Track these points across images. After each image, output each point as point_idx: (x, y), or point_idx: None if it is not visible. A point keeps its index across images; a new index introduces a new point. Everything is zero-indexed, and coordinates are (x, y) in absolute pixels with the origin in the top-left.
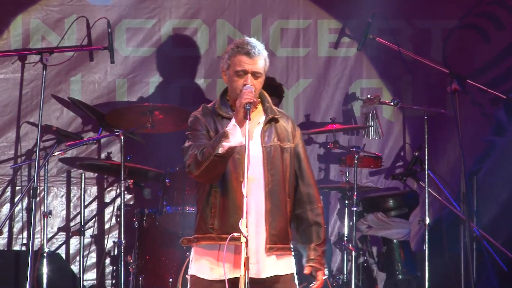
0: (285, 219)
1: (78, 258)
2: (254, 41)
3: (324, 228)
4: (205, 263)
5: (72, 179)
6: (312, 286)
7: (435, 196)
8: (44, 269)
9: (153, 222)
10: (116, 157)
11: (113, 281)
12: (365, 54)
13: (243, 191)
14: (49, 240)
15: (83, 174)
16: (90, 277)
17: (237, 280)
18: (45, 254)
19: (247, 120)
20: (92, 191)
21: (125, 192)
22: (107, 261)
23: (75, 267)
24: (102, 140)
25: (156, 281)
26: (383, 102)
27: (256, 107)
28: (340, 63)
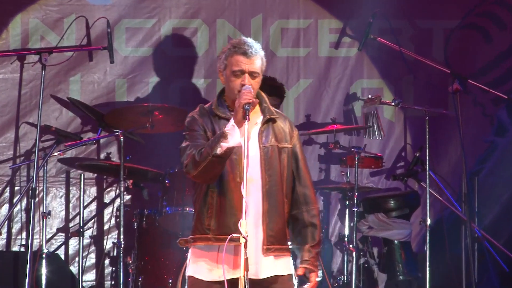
0: (283, 220)
1: (77, 259)
2: (251, 41)
3: (320, 230)
4: (203, 264)
5: (71, 180)
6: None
7: (436, 197)
8: (43, 270)
9: (153, 223)
10: (116, 158)
11: (113, 282)
12: (366, 54)
13: (242, 192)
14: (48, 241)
15: (82, 175)
16: (89, 278)
17: (236, 281)
18: (44, 255)
19: (246, 121)
20: (92, 192)
21: (125, 193)
22: (107, 262)
23: (74, 268)
24: (102, 141)
25: (156, 282)
26: (384, 102)
27: (254, 107)
28: (341, 63)
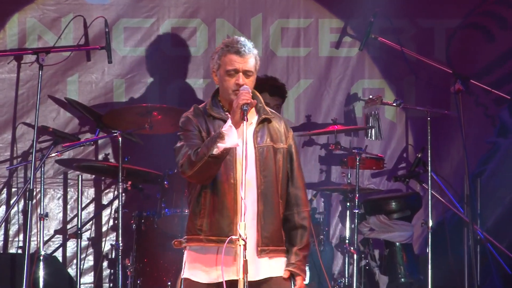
0: (278, 221)
1: (75, 261)
2: (244, 40)
3: (309, 233)
4: (199, 266)
5: (69, 181)
6: None
7: (438, 198)
8: (41, 273)
9: (152, 225)
10: (114, 159)
11: (111, 285)
12: (367, 54)
13: (241, 194)
14: (46, 243)
15: (80, 176)
16: (87, 281)
17: (233, 283)
18: (42, 257)
19: (245, 122)
20: (90, 193)
21: (123, 194)
22: (105, 264)
23: (72, 271)
24: (100, 141)
25: (155, 285)
26: (386, 103)
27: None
28: (342, 63)
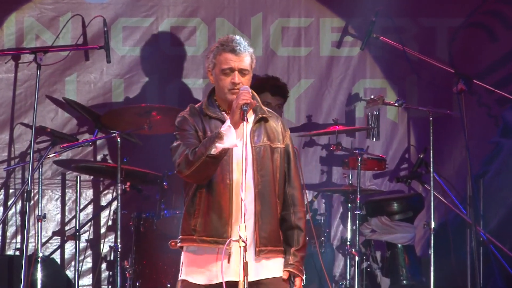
0: (276, 221)
1: (73, 263)
2: (239, 38)
3: (305, 233)
4: (196, 268)
5: (67, 182)
6: None
7: (441, 200)
8: (39, 275)
9: (151, 226)
10: (112, 160)
11: (109, 287)
12: (369, 54)
13: (241, 195)
14: (44, 245)
15: (79, 177)
16: (86, 283)
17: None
18: (40, 259)
19: (244, 122)
20: (88, 194)
21: (122, 195)
22: (103, 266)
23: (70, 272)
24: (98, 142)
25: (154, 287)
26: (387, 103)
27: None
28: (343, 63)
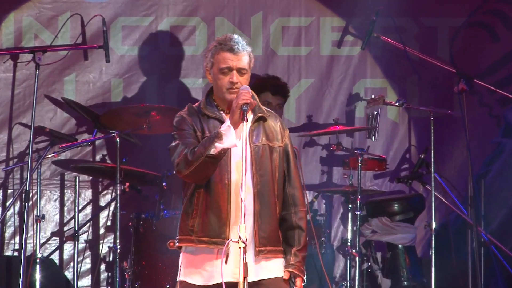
0: (275, 221)
1: (72, 264)
2: (237, 37)
3: (306, 233)
4: (195, 268)
5: (66, 182)
6: None
7: (442, 200)
8: (37, 276)
9: (150, 227)
10: (112, 160)
11: None
12: (369, 53)
13: (241, 195)
14: (42, 246)
15: (77, 177)
16: (85, 284)
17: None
18: (38, 260)
19: (244, 122)
20: (87, 195)
21: (121, 196)
22: (102, 267)
23: (69, 273)
24: (97, 142)
25: None
26: (388, 103)
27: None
28: (344, 63)
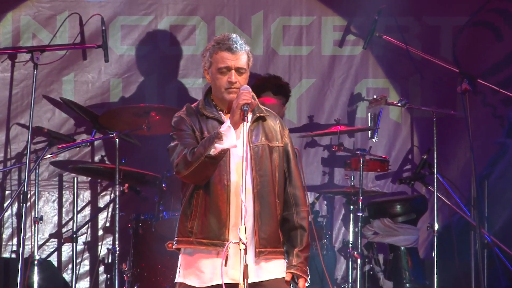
0: (275, 222)
1: (71, 266)
2: (235, 36)
3: (308, 233)
4: (193, 270)
5: (64, 183)
6: None
7: (445, 201)
8: (35, 278)
9: (149, 228)
10: (110, 160)
11: None
12: (371, 53)
13: (241, 196)
14: (40, 247)
15: (76, 178)
16: (83, 286)
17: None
18: (36, 262)
19: (245, 122)
20: (85, 196)
21: (120, 197)
22: (101, 269)
23: (68, 275)
24: (96, 143)
25: None
26: (390, 103)
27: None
28: (345, 62)
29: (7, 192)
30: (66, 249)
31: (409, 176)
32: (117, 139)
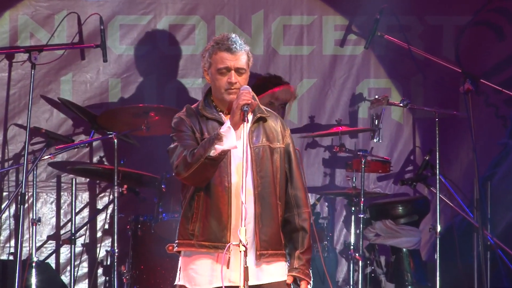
0: (277, 224)
1: (69, 268)
2: (235, 36)
3: (310, 235)
4: (193, 273)
5: (63, 185)
6: None
7: (447, 203)
8: (33, 280)
9: (148, 230)
10: (109, 161)
11: None
12: (373, 52)
13: (242, 198)
14: (38, 249)
15: (74, 179)
16: None
17: None
18: (34, 264)
19: (245, 123)
20: (84, 197)
21: (119, 198)
22: (100, 271)
23: (66, 278)
24: (94, 143)
25: None
26: (392, 103)
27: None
28: (347, 62)
29: (5, 194)
30: (64, 251)
31: (411, 177)
32: (116, 140)
